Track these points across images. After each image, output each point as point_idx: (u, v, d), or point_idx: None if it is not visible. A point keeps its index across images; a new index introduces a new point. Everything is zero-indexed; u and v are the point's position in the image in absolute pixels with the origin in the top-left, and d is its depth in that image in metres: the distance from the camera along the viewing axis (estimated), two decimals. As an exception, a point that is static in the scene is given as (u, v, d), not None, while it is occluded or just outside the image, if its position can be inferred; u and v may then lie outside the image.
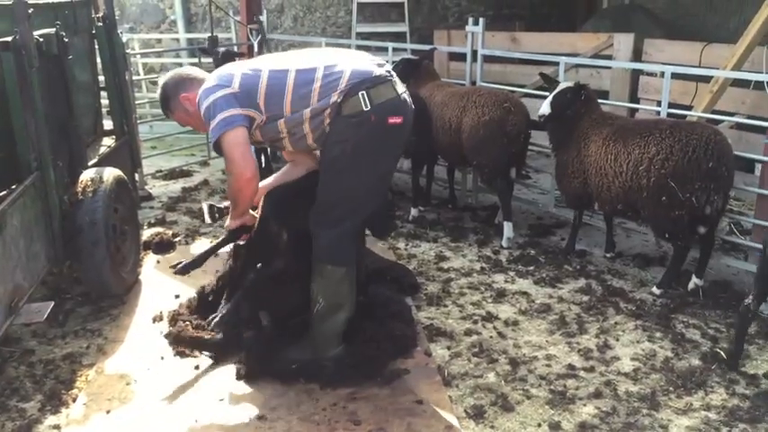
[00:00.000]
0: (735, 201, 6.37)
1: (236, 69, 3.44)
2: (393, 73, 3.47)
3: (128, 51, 6.73)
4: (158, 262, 5.23)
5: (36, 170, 4.04)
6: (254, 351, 3.67)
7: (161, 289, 4.74)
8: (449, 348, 3.97)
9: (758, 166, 5.34)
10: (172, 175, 7.67)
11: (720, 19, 10.29)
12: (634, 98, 7.64)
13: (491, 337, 4.10)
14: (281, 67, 3.41)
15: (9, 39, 3.85)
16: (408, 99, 3.49)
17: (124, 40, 6.35)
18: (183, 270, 3.94)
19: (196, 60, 10.39)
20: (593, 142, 4.85)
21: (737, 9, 9.87)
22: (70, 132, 4.58)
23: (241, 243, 4.02)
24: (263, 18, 8.02)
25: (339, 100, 3.30)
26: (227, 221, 3.88)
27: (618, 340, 4.04)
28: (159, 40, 10.25)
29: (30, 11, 4.01)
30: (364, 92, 3.29)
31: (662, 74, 5.39)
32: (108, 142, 5.71)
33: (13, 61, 3.88)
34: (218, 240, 4.06)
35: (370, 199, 3.58)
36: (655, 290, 4.64)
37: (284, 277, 3.86)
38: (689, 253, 4.65)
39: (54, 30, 4.40)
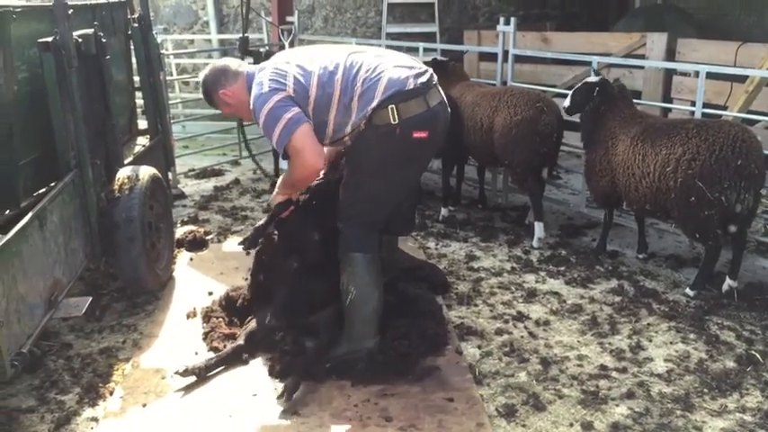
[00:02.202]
0: (770, 202, 6.28)
1: (289, 72, 3.50)
2: (432, 81, 3.52)
3: (162, 52, 6.81)
4: (191, 259, 5.30)
5: (75, 168, 4.12)
6: (289, 350, 3.71)
7: (194, 286, 4.81)
8: (479, 347, 3.98)
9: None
10: (204, 174, 7.76)
11: (756, 18, 10.15)
12: (667, 98, 7.55)
13: (522, 336, 4.09)
14: (328, 75, 3.48)
15: (49, 39, 3.93)
16: (441, 109, 3.55)
17: (158, 41, 6.44)
18: (251, 245, 4.03)
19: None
20: (621, 141, 4.83)
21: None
22: (107, 131, 4.66)
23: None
24: (295, 19, 8.09)
25: (371, 112, 3.43)
26: (273, 196, 4.02)
27: (651, 341, 4.01)
28: (192, 41, 10.38)
29: (70, 12, 4.11)
30: (394, 106, 3.40)
31: (696, 73, 5.33)
32: (142, 141, 5.80)
33: (53, 61, 3.96)
34: (269, 214, 4.09)
35: (389, 202, 3.69)
36: (688, 291, 4.59)
37: (312, 272, 3.92)
38: (721, 254, 4.59)
39: (92, 30, 4.49)
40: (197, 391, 3.56)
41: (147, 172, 4.68)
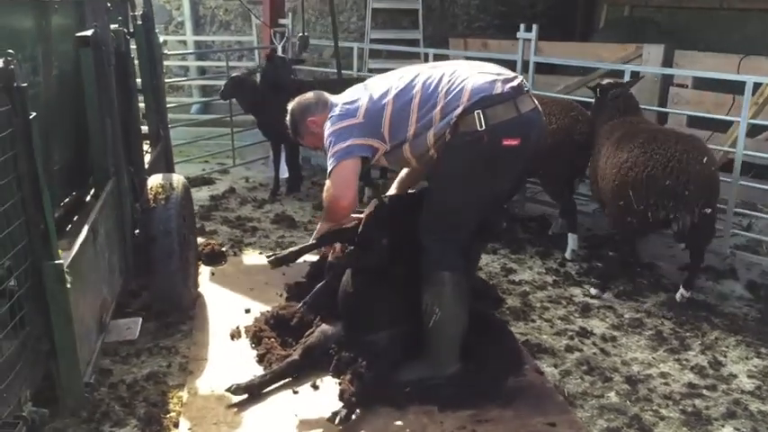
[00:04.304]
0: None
1: (365, 95, 3.38)
2: (524, 87, 3.31)
3: (165, 52, 6.42)
4: (213, 274, 4.94)
5: (113, 175, 3.75)
6: (363, 373, 3.44)
7: (227, 303, 4.46)
8: (555, 366, 3.80)
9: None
10: (195, 182, 7.34)
11: (721, 34, 10.36)
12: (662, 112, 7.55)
13: (594, 353, 3.94)
14: (406, 89, 3.34)
15: (89, 33, 3.56)
16: (536, 116, 3.34)
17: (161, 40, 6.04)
18: (278, 262, 3.84)
19: (204, 63, 10.17)
20: (604, 147, 4.81)
21: (740, 24, 9.96)
22: (133, 136, 4.29)
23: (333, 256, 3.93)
24: (288, 21, 7.80)
25: (457, 119, 3.21)
26: (318, 228, 3.85)
27: (726, 356, 3.92)
28: (165, 42, 9.88)
29: (108, 5, 3.76)
30: (480, 111, 3.19)
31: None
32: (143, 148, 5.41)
33: (92, 58, 3.59)
34: (308, 243, 3.92)
35: (477, 216, 3.46)
36: (592, 291, 4.71)
37: (379, 280, 3.66)
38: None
39: (119, 26, 4.14)
40: (273, 422, 3.25)
41: (179, 180, 4.34)
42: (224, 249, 5.34)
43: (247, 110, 6.84)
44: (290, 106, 3.67)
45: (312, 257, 4.59)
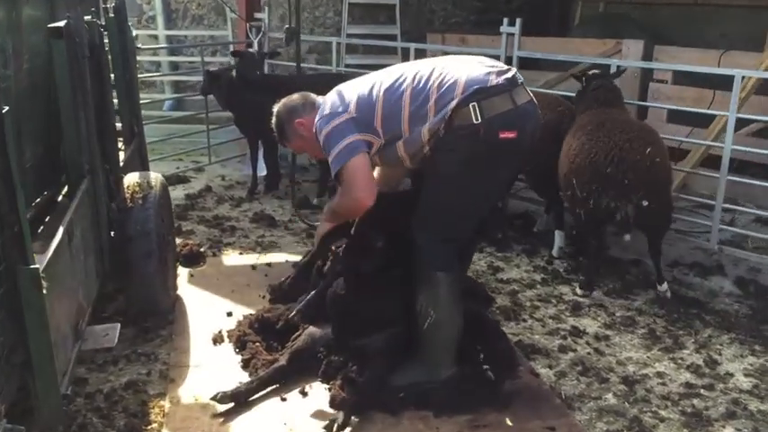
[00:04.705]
0: None
1: (352, 91, 3.25)
2: (518, 79, 3.19)
3: (138, 46, 6.21)
4: (192, 275, 4.77)
5: (88, 174, 3.56)
6: (354, 378, 3.31)
7: (207, 306, 4.30)
8: (550, 367, 3.71)
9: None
10: (169, 181, 7.08)
11: (697, 30, 10.38)
12: (642, 106, 7.50)
13: (588, 353, 3.85)
14: (395, 84, 3.21)
15: (62, 24, 3.38)
16: (531, 108, 3.22)
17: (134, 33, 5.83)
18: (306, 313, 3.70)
19: (176, 59, 9.95)
20: (570, 137, 4.75)
21: (716, 20, 9.98)
22: (107, 132, 4.11)
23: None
24: (265, 15, 7.62)
25: (451, 113, 3.08)
26: (319, 227, 3.75)
27: (721, 355, 3.86)
28: (137, 36, 9.62)
29: (82, -6, 3.59)
30: (475, 103, 3.06)
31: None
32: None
33: (65, 50, 3.40)
34: (315, 249, 3.81)
35: (475, 214, 3.37)
36: (578, 291, 4.61)
37: (374, 283, 3.53)
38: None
39: (92, 18, 3.95)
40: (261, 430, 3.11)
41: (157, 178, 4.17)
42: (202, 250, 5.17)
43: (224, 106, 6.66)
44: (275, 109, 3.50)
45: (295, 258, 4.49)
